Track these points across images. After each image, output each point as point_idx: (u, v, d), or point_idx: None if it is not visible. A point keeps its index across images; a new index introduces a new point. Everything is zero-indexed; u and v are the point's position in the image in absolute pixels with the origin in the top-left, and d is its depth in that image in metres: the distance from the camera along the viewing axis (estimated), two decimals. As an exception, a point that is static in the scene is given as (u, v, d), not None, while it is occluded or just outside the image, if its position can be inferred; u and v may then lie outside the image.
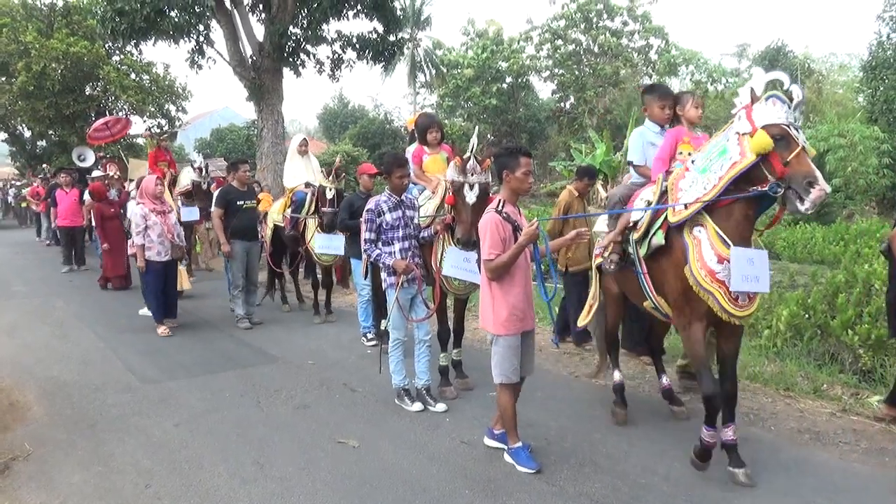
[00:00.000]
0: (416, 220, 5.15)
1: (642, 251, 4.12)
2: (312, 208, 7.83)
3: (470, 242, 4.71)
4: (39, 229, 18.89)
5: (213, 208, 8.15)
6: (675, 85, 34.27)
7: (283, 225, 8.44)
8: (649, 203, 4.17)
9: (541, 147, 34.59)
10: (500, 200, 3.92)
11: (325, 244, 7.66)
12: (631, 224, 4.30)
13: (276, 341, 7.24)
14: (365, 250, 5.09)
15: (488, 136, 35.61)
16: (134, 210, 7.53)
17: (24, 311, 8.98)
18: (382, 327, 5.35)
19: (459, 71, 34.72)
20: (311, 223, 7.90)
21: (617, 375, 4.96)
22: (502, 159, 3.92)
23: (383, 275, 5.08)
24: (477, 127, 5.70)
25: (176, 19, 12.96)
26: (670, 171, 4.24)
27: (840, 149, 19.18)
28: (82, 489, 3.88)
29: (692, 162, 3.99)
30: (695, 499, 3.66)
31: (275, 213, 8.75)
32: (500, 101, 34.07)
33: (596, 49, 33.48)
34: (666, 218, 3.94)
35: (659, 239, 3.97)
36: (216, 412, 5.09)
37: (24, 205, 24.63)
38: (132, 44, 14.58)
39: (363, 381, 5.81)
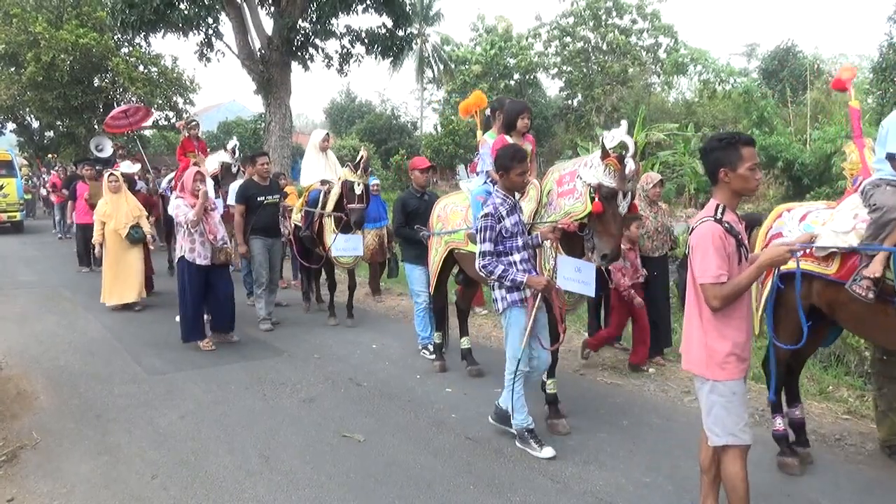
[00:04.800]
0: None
1: None
2: (333, 205, 7.24)
3: (617, 258, 4.25)
4: (55, 221, 17.96)
5: (233, 205, 7.69)
6: (684, 84, 34.16)
7: (300, 224, 8.00)
8: None
9: (547, 145, 34.53)
10: (718, 206, 3.00)
11: (343, 245, 7.19)
12: None
13: (282, 335, 7.25)
14: (483, 267, 4.11)
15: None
16: (174, 203, 6.74)
17: (32, 300, 9.02)
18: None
19: (467, 67, 34.68)
20: (328, 223, 7.39)
21: (778, 422, 4.03)
22: (715, 154, 3.00)
23: (500, 292, 4.22)
24: (624, 121, 4.44)
25: (185, 12, 13.03)
26: None
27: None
28: (89, 479, 3.90)
29: None
30: (699, 499, 3.66)
31: (294, 212, 8.35)
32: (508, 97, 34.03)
33: (604, 47, 33.41)
34: None
35: None
36: (222, 404, 5.11)
37: (28, 196, 24.61)
38: (141, 36, 14.71)
39: (368, 375, 5.83)
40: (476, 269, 5.47)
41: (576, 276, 4.27)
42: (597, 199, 4.07)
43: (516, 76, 35.00)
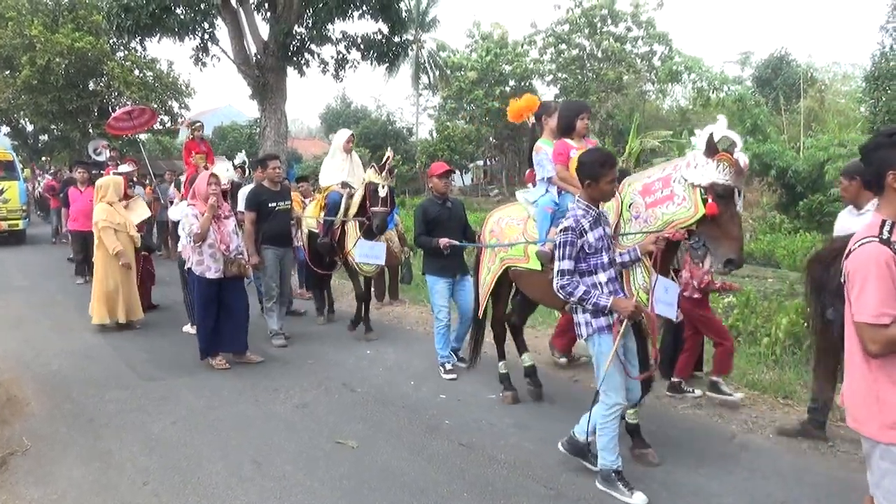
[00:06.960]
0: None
1: None
2: (356, 209, 6.89)
3: (742, 263, 3.83)
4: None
5: (243, 211, 7.14)
6: (678, 91, 34.34)
7: (317, 231, 7.50)
8: None
9: (542, 151, 34.64)
10: (884, 223, 2.39)
11: (366, 252, 6.78)
12: None
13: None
14: (562, 287, 3.58)
15: (490, 139, 35.65)
16: (185, 211, 6.13)
17: (25, 305, 8.98)
18: (600, 389, 3.76)
19: (463, 73, 34.76)
20: (351, 228, 7.03)
21: None
22: (882, 152, 2.39)
23: (585, 317, 3.69)
24: (721, 116, 3.88)
25: (181, 16, 13.05)
26: None
27: (840, 158, 19.23)
28: (80, 485, 3.88)
29: None
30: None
31: (308, 217, 7.86)
32: (502, 104, 34.02)
33: (599, 54, 33.58)
34: None
35: None
36: (215, 410, 5.09)
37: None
38: (137, 40, 14.65)
39: (362, 381, 5.82)
40: (531, 290, 5.00)
41: (664, 296, 3.88)
42: (710, 201, 3.69)
43: (511, 83, 35.11)
